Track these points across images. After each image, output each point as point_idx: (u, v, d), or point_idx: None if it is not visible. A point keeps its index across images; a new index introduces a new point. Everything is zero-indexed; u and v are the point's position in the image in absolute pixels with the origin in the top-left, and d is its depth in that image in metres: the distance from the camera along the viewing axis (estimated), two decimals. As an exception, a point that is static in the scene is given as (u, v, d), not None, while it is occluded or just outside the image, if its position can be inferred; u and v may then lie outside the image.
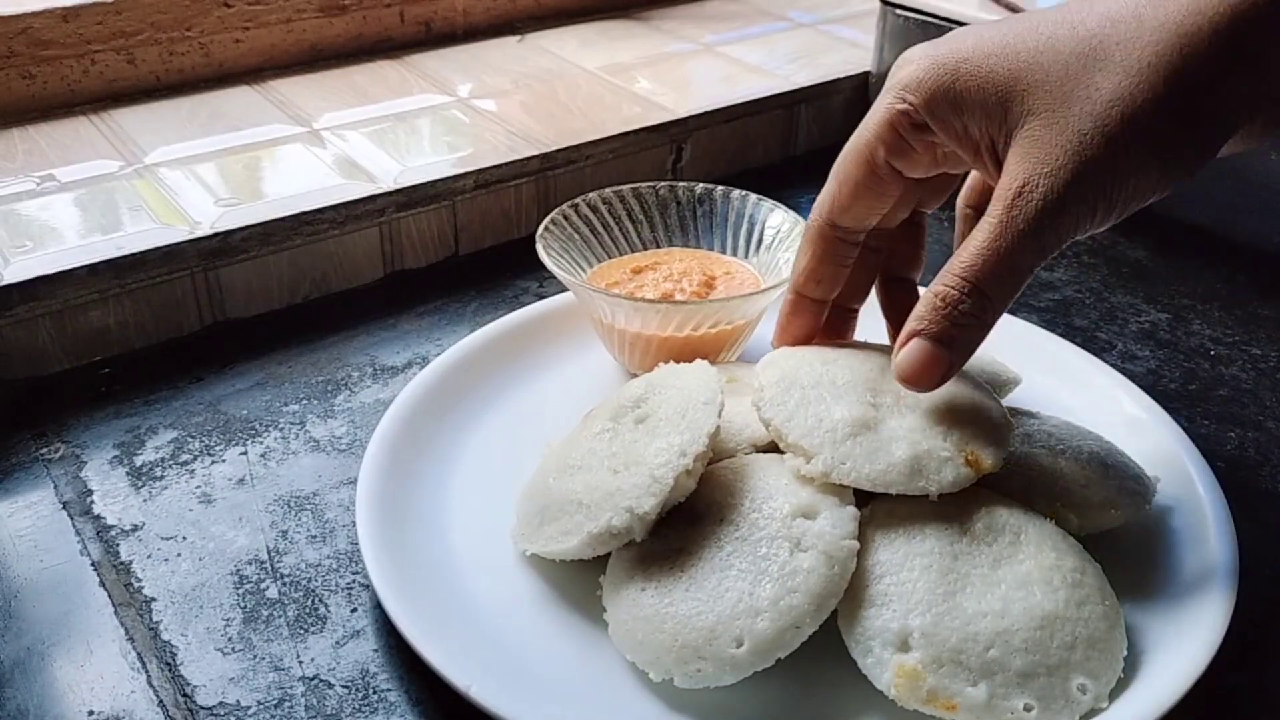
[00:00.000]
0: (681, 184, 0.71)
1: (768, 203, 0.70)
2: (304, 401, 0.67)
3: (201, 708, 0.48)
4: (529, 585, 0.53)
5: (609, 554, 0.51)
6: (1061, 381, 0.65)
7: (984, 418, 0.51)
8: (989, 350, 0.62)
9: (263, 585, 0.54)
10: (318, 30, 0.97)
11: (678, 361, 0.57)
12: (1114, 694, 0.46)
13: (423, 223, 0.79)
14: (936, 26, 0.90)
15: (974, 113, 0.47)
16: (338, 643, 0.51)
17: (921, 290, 0.51)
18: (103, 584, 0.54)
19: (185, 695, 0.48)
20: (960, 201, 0.57)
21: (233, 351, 0.71)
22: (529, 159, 0.82)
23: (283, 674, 0.49)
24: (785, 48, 1.04)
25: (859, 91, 0.99)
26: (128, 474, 0.61)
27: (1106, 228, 0.46)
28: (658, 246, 0.71)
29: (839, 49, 1.04)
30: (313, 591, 0.54)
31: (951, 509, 0.49)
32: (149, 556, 0.55)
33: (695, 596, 0.47)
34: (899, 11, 0.93)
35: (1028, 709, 0.45)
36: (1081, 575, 0.48)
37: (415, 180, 0.78)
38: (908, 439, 0.49)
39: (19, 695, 0.48)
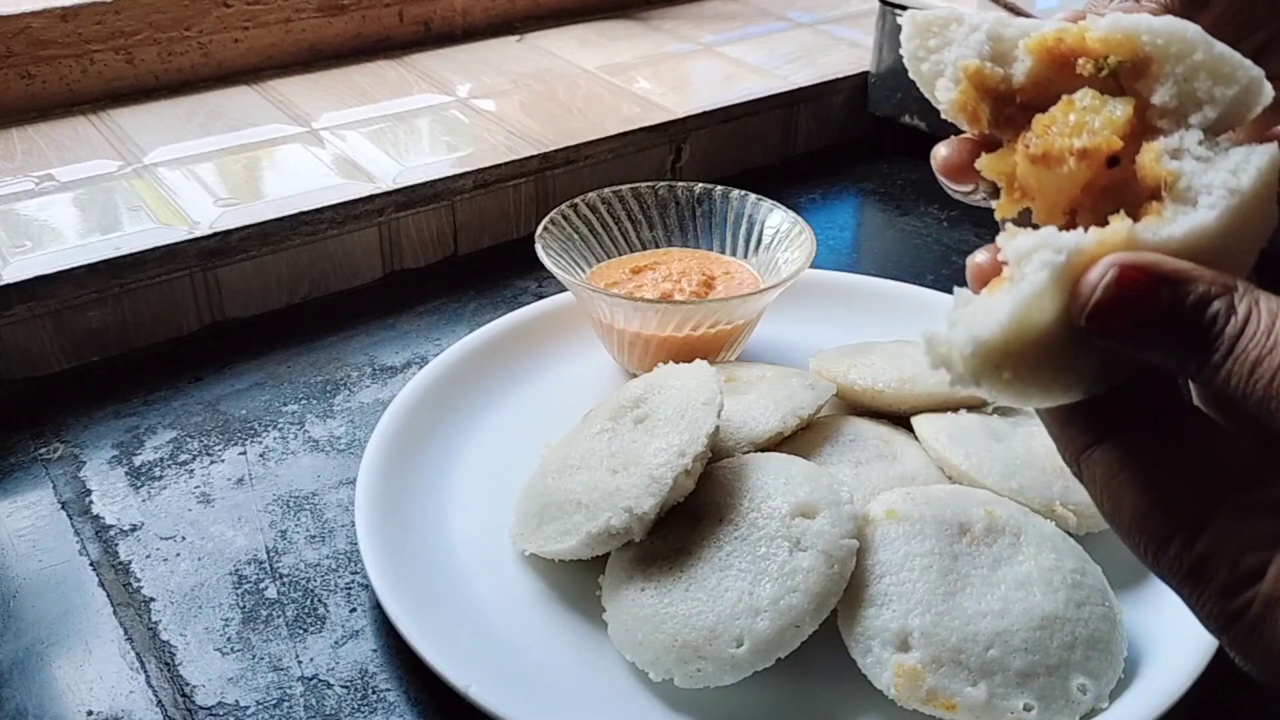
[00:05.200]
0: (681, 184, 0.71)
1: (767, 203, 0.70)
2: (303, 401, 0.67)
3: (200, 708, 0.48)
4: (528, 585, 0.53)
5: (608, 554, 0.51)
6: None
7: None
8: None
9: (262, 585, 0.54)
10: (317, 30, 0.97)
11: (677, 361, 0.57)
12: (1114, 694, 0.46)
13: (422, 222, 0.79)
14: (936, 26, 0.90)
15: None
16: (337, 643, 0.51)
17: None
18: (101, 584, 0.54)
19: (184, 695, 0.48)
20: None
21: (232, 351, 0.71)
22: (528, 159, 0.82)
23: (282, 674, 0.49)
24: (785, 48, 1.04)
25: (858, 91, 0.99)
26: (126, 474, 0.61)
27: None
28: (657, 246, 0.71)
29: (838, 49, 1.04)
30: (312, 591, 0.54)
31: (951, 510, 0.49)
32: (148, 556, 0.55)
33: (695, 596, 0.47)
34: (899, 11, 0.92)
35: (1027, 709, 0.45)
36: (1081, 575, 0.48)
37: (414, 180, 0.78)
38: None
39: (18, 695, 0.48)
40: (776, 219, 0.69)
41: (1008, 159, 0.33)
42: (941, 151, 0.36)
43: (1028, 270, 0.29)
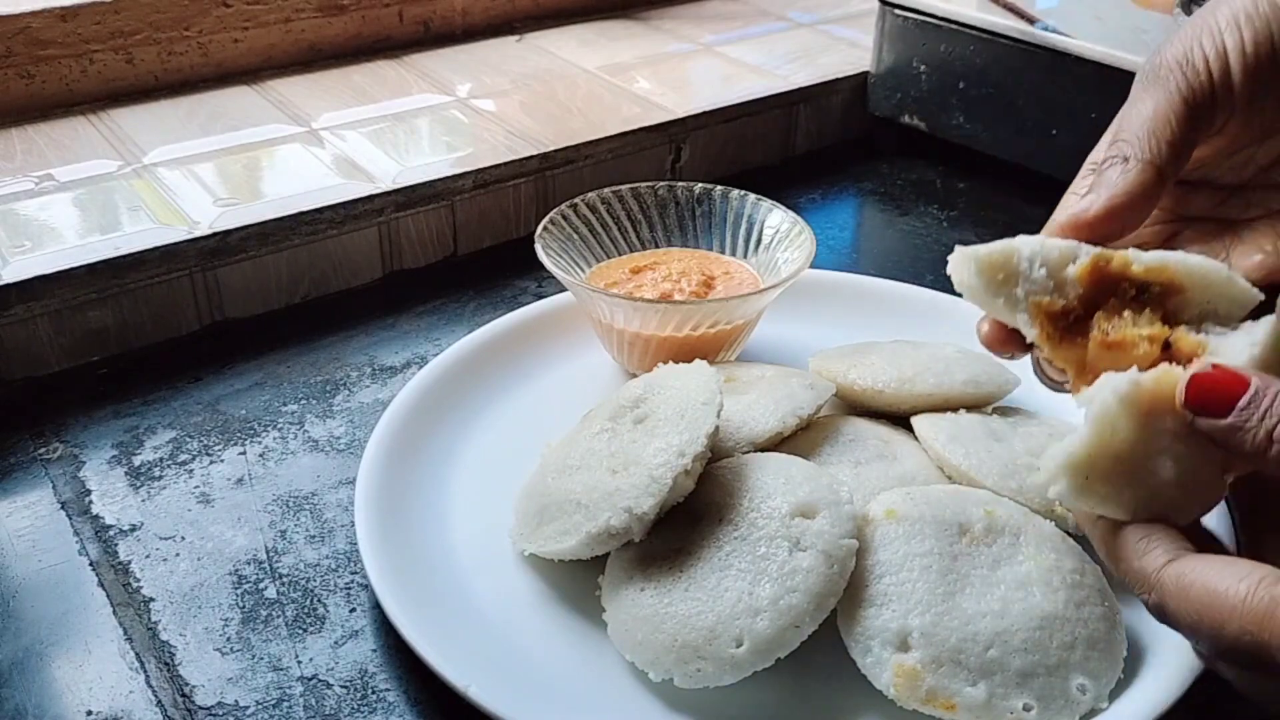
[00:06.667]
0: (680, 184, 0.71)
1: (766, 203, 0.70)
2: (303, 401, 0.67)
3: (200, 708, 0.48)
4: (528, 585, 0.53)
5: (608, 554, 0.51)
6: (1061, 381, 0.65)
7: None
8: (988, 351, 0.62)
9: (261, 585, 0.54)
10: (316, 30, 0.97)
11: (677, 361, 0.57)
12: (1114, 694, 0.46)
13: (421, 223, 0.79)
14: (935, 27, 0.90)
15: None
16: (336, 643, 0.51)
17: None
18: (101, 584, 0.54)
19: (184, 695, 0.48)
20: None
21: (231, 351, 0.71)
22: (528, 159, 0.82)
23: (281, 674, 0.49)
24: (784, 48, 1.04)
25: (858, 92, 0.99)
26: (126, 474, 0.61)
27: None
28: (657, 246, 0.71)
29: (838, 49, 1.04)
30: (311, 591, 0.54)
31: (951, 510, 0.49)
32: (147, 556, 0.55)
33: (695, 596, 0.47)
34: (898, 11, 0.92)
35: (1027, 709, 0.45)
36: (1081, 576, 0.48)
37: (414, 180, 0.78)
38: (1170, 450, 0.41)
39: (17, 695, 0.48)
40: (776, 219, 0.69)
41: (1074, 350, 0.44)
42: (984, 329, 0.48)
43: (1098, 398, 0.40)
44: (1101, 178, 0.46)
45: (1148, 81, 0.46)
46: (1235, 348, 0.41)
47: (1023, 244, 0.44)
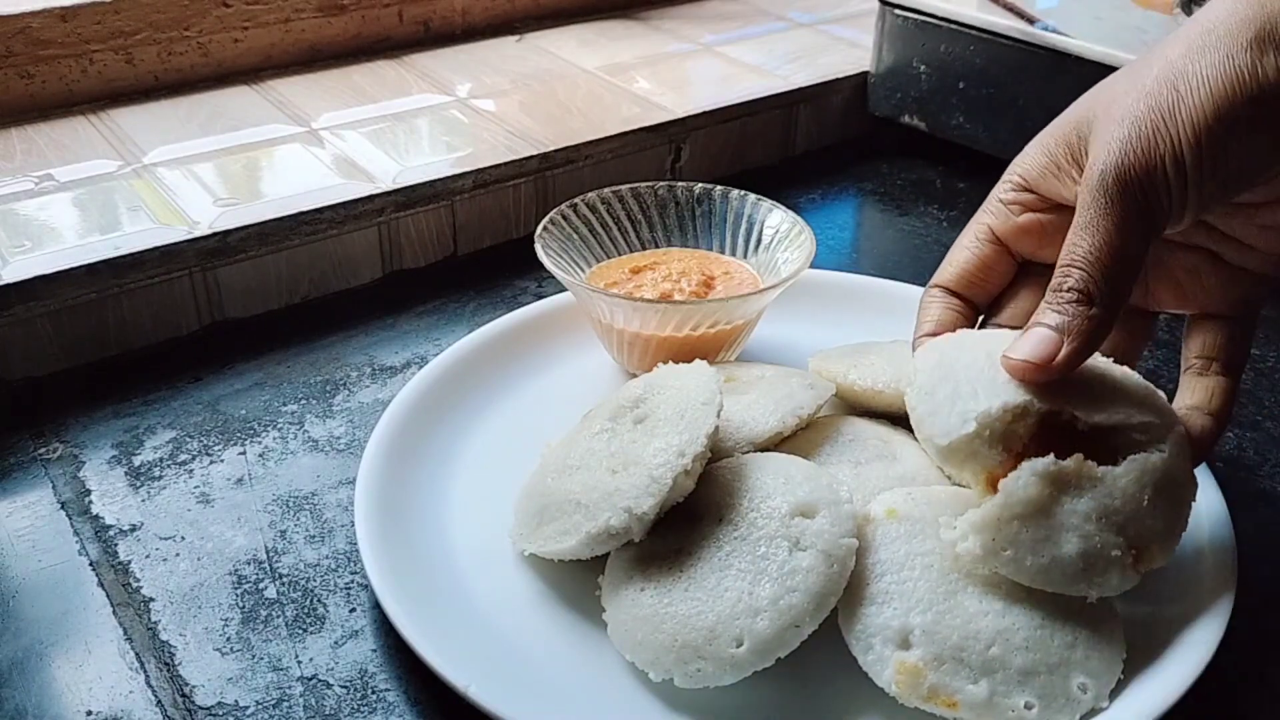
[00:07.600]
0: (680, 184, 0.71)
1: (766, 203, 0.70)
2: (302, 401, 0.67)
3: (200, 708, 0.48)
4: (528, 585, 0.53)
5: (608, 554, 0.51)
6: (1061, 381, 0.65)
7: (1158, 510, 0.47)
8: None
9: (261, 585, 0.54)
10: (316, 30, 0.97)
11: (676, 361, 0.57)
12: (1114, 694, 0.46)
13: (421, 223, 0.79)
14: (935, 27, 0.90)
15: (1060, 150, 0.51)
16: (336, 643, 0.51)
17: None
18: (101, 584, 0.54)
19: (184, 695, 0.48)
20: None
21: (231, 351, 0.71)
22: (528, 159, 0.82)
23: (281, 674, 0.49)
24: (784, 48, 1.04)
25: (858, 92, 0.99)
26: (126, 474, 0.61)
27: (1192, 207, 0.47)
28: (656, 246, 0.71)
29: (838, 49, 1.04)
30: (311, 591, 0.54)
31: (952, 510, 0.49)
32: (147, 556, 0.55)
33: (694, 596, 0.47)
34: (898, 11, 0.92)
35: (1028, 707, 0.45)
36: (1081, 575, 0.48)
37: (414, 180, 0.78)
38: (1079, 530, 0.46)
39: (17, 695, 0.48)
40: (776, 219, 0.69)
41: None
42: None
43: (1014, 473, 0.46)
44: (1061, 312, 0.46)
45: (1113, 198, 0.45)
46: (1150, 454, 0.47)
47: (981, 424, 0.46)
